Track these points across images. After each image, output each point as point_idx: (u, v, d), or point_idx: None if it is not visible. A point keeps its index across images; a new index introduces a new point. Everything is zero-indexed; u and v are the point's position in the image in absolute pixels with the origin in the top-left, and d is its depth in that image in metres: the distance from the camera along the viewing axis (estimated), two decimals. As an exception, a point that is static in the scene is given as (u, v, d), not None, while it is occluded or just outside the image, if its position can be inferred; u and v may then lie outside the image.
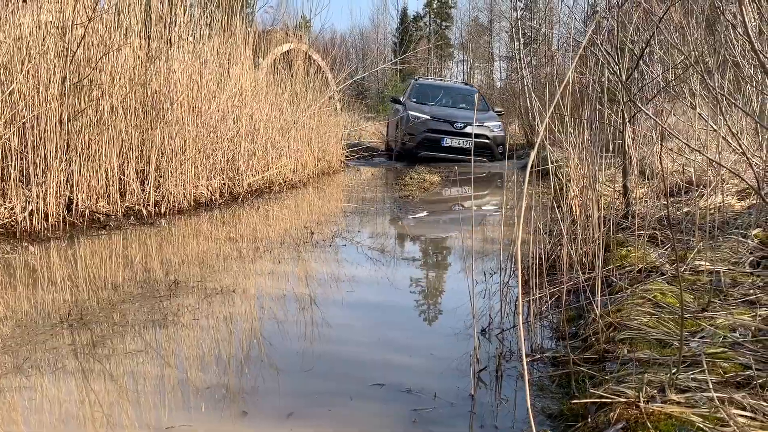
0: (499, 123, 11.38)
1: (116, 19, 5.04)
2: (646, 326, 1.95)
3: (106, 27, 4.83)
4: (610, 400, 1.46)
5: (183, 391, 1.83)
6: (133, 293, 2.83)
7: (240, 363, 2.06)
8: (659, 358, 1.70)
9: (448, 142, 10.68)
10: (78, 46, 4.46)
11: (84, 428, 1.62)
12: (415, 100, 11.92)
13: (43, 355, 2.09)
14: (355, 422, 1.63)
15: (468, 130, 10.63)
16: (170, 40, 5.45)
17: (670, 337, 1.88)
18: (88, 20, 4.48)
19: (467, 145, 10.56)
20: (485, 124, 11.01)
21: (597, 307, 2.05)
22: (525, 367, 1.13)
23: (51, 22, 4.54)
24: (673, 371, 1.53)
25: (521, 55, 14.33)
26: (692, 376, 1.56)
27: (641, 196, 4.12)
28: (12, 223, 4.07)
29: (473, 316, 2.00)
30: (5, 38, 4.27)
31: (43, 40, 4.44)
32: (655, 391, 1.47)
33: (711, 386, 1.46)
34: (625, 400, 1.45)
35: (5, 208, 4.08)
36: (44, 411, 1.73)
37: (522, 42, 16.42)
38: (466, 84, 15.29)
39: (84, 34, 4.51)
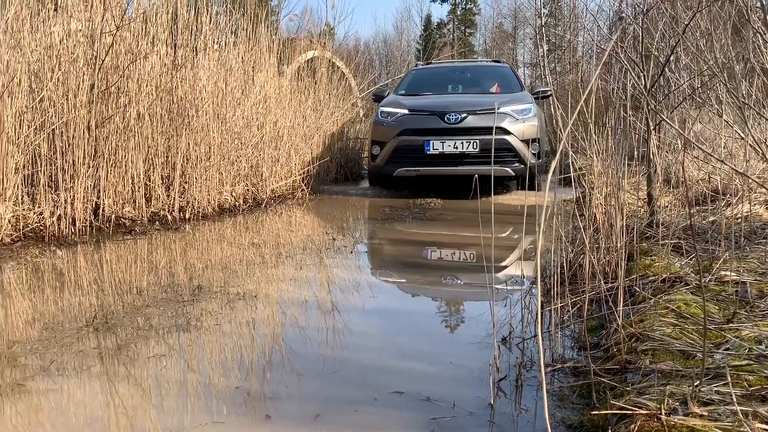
0: (530, 106, 6.82)
1: (143, 27, 5.13)
2: (669, 337, 1.93)
3: (133, 35, 4.91)
4: (631, 412, 1.44)
5: (206, 395, 1.85)
6: (157, 298, 2.87)
7: (263, 368, 2.07)
8: (682, 370, 1.68)
9: (437, 146, 6.50)
10: (106, 54, 4.55)
11: (108, 430, 1.65)
12: (403, 92, 7.88)
13: (69, 357, 2.13)
14: (371, 430, 1.63)
15: (470, 122, 6.51)
16: (196, 47, 5.53)
17: (694, 348, 1.86)
18: (116, 29, 4.57)
19: (471, 149, 6.42)
20: (503, 109, 6.60)
21: (619, 317, 2.03)
22: (543, 377, 1.12)
23: (80, 30, 4.64)
24: (695, 383, 1.51)
25: (545, 62, 14.25)
26: (716, 388, 1.54)
27: (666, 204, 4.08)
28: (41, 227, 4.15)
29: (493, 325, 2.00)
30: (36, 47, 4.37)
31: (73, 48, 4.53)
32: (677, 404, 1.46)
33: (735, 399, 1.44)
34: (646, 412, 1.44)
35: (34, 213, 4.17)
36: (70, 413, 1.76)
37: (546, 49, 16.35)
38: (496, 61, 9.36)
39: (112, 43, 4.60)
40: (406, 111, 6.90)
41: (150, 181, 4.99)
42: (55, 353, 2.17)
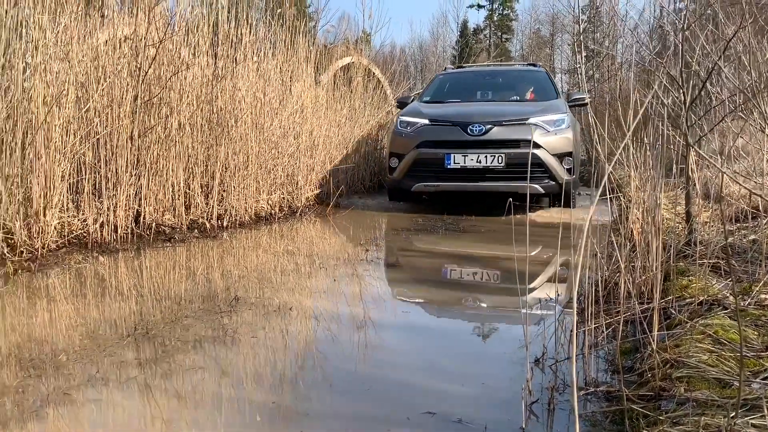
0: (564, 117, 6.21)
1: (185, 39, 5.25)
2: (705, 364, 1.91)
3: (175, 48, 5.03)
4: (664, 444, 1.44)
5: (241, 409, 1.89)
6: (195, 308, 2.94)
7: (297, 383, 2.12)
8: (717, 400, 1.66)
9: (458, 160, 6.02)
10: (149, 66, 4.67)
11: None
12: (427, 99, 7.35)
13: (111, 367, 2.20)
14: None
15: (495, 134, 5.98)
16: (236, 58, 5.64)
17: (731, 376, 1.84)
18: (159, 42, 4.69)
19: (495, 163, 5.93)
20: (533, 120, 6.05)
21: (653, 342, 2.01)
22: (576, 404, 1.13)
23: (126, 39, 4.78)
24: (731, 415, 1.49)
25: (582, 70, 14.12)
26: (752, 421, 1.53)
27: (706, 220, 4.01)
28: (84, 234, 4.28)
29: (526, 347, 2.00)
30: (83, 57, 4.51)
31: (118, 59, 4.67)
32: (712, 436, 1.45)
33: (771, 433, 1.43)
34: (679, 443, 1.43)
35: (79, 220, 4.30)
36: (110, 422, 1.82)
37: (585, 56, 16.16)
38: (533, 65, 8.63)
39: (155, 55, 4.72)
40: (426, 121, 6.38)
41: (190, 190, 5.11)
42: (98, 363, 2.24)
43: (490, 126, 6.01)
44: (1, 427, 1.77)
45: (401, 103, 7.54)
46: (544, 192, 6.05)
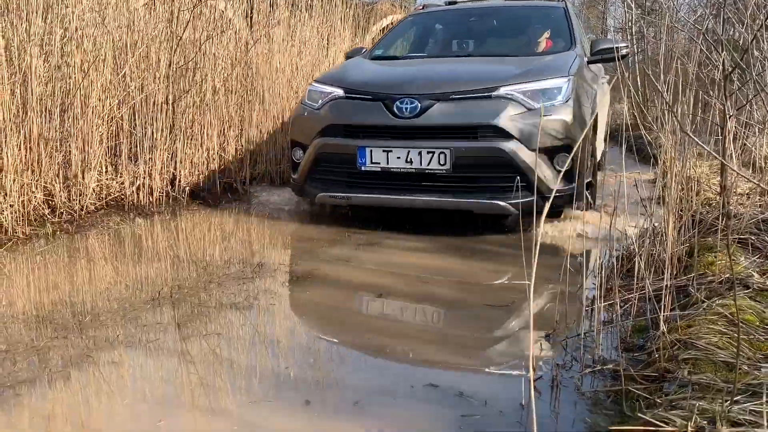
0: (562, 83, 3.79)
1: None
2: (715, 346, 1.88)
3: (210, 11, 5.06)
4: (654, 429, 1.44)
5: (256, 375, 1.97)
6: (220, 274, 3.03)
7: (307, 351, 2.18)
8: (718, 383, 1.65)
9: (378, 158, 3.80)
10: (184, 31, 4.72)
11: (163, 404, 1.80)
12: (379, 52, 5.03)
13: (134, 331, 2.30)
14: (401, 422, 1.70)
15: (435, 117, 3.73)
16: (270, 22, 5.64)
17: (741, 359, 1.81)
18: (194, 6, 4.72)
19: (436, 165, 3.68)
20: (505, 90, 3.71)
21: (662, 322, 1.99)
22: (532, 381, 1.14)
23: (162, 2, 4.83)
24: (725, 401, 1.48)
25: (633, 27, 13.61)
26: (751, 407, 1.51)
27: (743, 192, 3.89)
28: (122, 196, 4.42)
29: (531, 326, 2.02)
30: (119, 25, 4.58)
31: (154, 25, 4.73)
32: (705, 422, 1.44)
33: (766, 421, 1.42)
34: (672, 429, 1.43)
35: (117, 183, 4.44)
36: (128, 386, 1.92)
37: (637, 12, 15.53)
38: None
39: (191, 18, 4.76)
40: (339, 92, 4.08)
41: (225, 153, 5.19)
42: (122, 326, 2.35)
43: (429, 102, 3.75)
44: (28, 385, 1.89)
45: (349, 58, 5.19)
46: (515, 211, 3.69)
